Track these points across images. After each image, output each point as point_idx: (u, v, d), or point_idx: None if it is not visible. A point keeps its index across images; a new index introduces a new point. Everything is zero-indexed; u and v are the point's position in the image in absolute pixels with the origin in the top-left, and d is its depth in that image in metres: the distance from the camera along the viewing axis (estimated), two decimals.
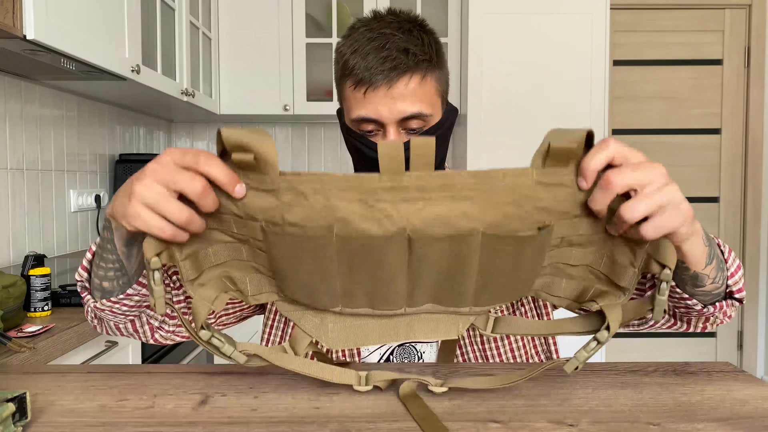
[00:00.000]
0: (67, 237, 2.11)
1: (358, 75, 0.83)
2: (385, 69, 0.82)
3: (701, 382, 0.70)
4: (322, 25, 2.88)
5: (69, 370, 0.75)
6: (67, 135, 2.11)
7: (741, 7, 3.20)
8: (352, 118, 0.85)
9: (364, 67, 0.82)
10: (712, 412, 0.60)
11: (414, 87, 0.83)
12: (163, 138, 3.04)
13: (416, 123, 0.84)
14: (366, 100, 0.83)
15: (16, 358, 0.93)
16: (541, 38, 2.60)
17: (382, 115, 0.83)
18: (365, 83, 0.83)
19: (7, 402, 0.53)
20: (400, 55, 0.82)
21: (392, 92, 0.82)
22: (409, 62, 0.82)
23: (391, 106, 0.83)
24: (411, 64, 0.82)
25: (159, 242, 0.56)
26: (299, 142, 3.16)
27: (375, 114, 0.84)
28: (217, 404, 0.62)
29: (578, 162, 0.53)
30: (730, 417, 0.59)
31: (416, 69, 0.83)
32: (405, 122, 0.84)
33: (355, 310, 0.63)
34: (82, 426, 0.57)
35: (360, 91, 0.84)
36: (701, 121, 3.26)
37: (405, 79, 0.83)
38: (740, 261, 0.79)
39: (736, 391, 0.68)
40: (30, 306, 1.16)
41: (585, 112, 2.61)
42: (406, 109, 0.83)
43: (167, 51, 2.21)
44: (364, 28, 0.85)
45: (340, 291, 0.60)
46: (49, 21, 1.34)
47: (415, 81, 0.83)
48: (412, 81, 0.83)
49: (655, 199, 0.53)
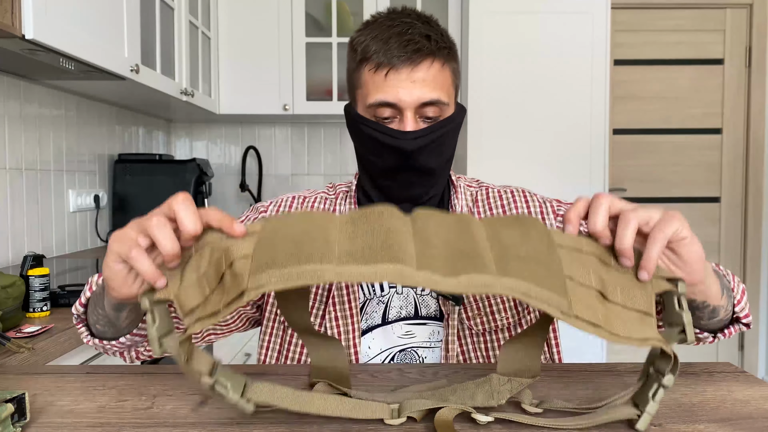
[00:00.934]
0: (66, 237, 2.11)
1: (379, 58, 0.83)
2: (408, 51, 0.82)
3: (702, 382, 0.70)
4: (322, 24, 2.88)
5: (68, 370, 0.75)
6: (66, 135, 2.11)
7: (742, 6, 3.20)
8: (370, 103, 0.85)
9: (385, 50, 0.83)
10: (713, 413, 0.60)
11: (435, 73, 0.84)
12: (162, 138, 3.04)
13: (433, 111, 0.85)
14: (386, 83, 0.84)
15: (15, 358, 0.93)
16: (541, 38, 2.59)
17: (401, 98, 0.83)
18: (386, 65, 0.83)
19: (6, 402, 0.53)
20: (422, 39, 0.83)
21: (413, 75, 0.83)
22: (431, 47, 0.84)
23: (411, 89, 0.83)
24: (433, 49, 0.84)
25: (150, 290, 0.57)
26: (299, 142, 3.16)
27: (394, 98, 0.84)
28: (217, 405, 0.62)
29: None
30: (731, 417, 0.59)
31: (437, 55, 0.84)
32: (423, 108, 0.84)
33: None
34: (81, 426, 0.57)
35: (380, 74, 0.84)
36: (702, 120, 3.26)
37: (427, 63, 0.84)
38: (743, 284, 0.79)
39: (737, 391, 0.67)
40: (29, 306, 1.16)
41: (585, 111, 2.61)
42: (425, 95, 0.83)
43: (166, 50, 2.20)
44: (382, 19, 0.87)
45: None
46: (48, 21, 1.34)
47: (436, 67, 0.84)
48: (433, 66, 0.84)
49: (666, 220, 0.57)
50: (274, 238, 0.53)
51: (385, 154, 0.86)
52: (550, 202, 0.96)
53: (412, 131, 0.84)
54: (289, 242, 0.52)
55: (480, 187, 0.99)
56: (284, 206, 0.97)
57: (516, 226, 0.57)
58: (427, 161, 0.86)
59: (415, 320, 0.91)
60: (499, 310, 0.89)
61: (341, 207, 0.96)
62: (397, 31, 0.84)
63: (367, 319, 0.91)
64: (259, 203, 0.98)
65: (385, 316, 0.91)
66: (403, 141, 0.84)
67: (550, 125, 2.61)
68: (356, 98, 0.89)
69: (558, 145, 2.61)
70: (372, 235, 0.52)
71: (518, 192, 0.97)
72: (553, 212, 0.94)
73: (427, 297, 0.91)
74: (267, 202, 0.98)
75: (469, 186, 0.99)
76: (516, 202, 0.95)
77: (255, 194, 3.11)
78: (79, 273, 1.70)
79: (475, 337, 0.89)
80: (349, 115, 0.90)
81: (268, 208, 0.97)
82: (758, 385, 0.69)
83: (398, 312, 0.91)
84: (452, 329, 0.88)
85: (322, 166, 3.16)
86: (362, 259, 0.50)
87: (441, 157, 0.88)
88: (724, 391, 0.68)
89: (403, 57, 0.82)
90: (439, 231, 0.55)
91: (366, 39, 0.85)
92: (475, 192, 0.98)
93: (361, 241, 0.52)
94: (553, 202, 0.96)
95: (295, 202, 0.98)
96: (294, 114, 2.81)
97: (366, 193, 0.94)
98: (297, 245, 0.52)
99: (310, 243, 0.52)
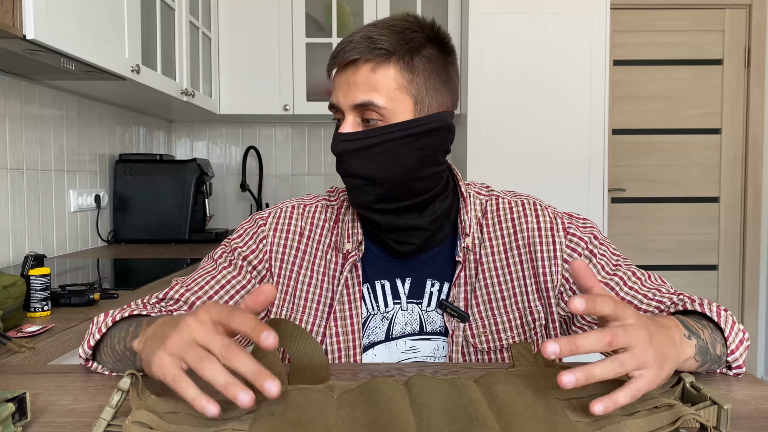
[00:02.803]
0: (67, 237, 2.11)
1: (332, 60, 0.86)
2: (347, 53, 0.83)
3: (702, 382, 0.70)
4: (322, 25, 2.88)
5: (69, 370, 0.75)
6: (67, 135, 2.11)
7: (741, 6, 3.20)
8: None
9: (336, 52, 0.85)
10: None
11: (366, 73, 0.82)
12: (163, 138, 3.04)
13: (370, 114, 0.83)
14: (334, 86, 0.86)
15: (15, 358, 0.93)
16: (541, 38, 2.60)
17: (339, 100, 0.85)
18: (333, 66, 0.86)
19: (7, 402, 0.53)
20: (362, 41, 0.83)
21: (351, 77, 0.83)
22: (365, 48, 0.82)
23: (346, 91, 0.84)
24: (364, 51, 0.82)
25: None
26: (299, 142, 3.16)
27: (335, 100, 0.86)
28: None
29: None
30: (731, 417, 0.59)
31: (369, 57, 0.82)
32: (361, 111, 0.83)
33: None
34: (81, 426, 0.57)
35: (332, 77, 0.87)
36: (701, 120, 3.26)
37: (358, 65, 0.83)
38: (743, 333, 0.78)
39: (736, 391, 0.68)
40: (30, 306, 1.16)
41: (585, 112, 2.61)
42: (357, 96, 0.83)
43: (167, 51, 2.21)
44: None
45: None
46: (49, 21, 1.34)
47: (367, 67, 0.83)
48: (364, 67, 0.83)
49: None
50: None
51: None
52: (561, 217, 0.92)
53: (342, 133, 0.84)
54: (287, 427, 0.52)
55: (490, 195, 0.96)
56: (284, 217, 0.94)
57: (509, 383, 0.58)
58: (360, 167, 0.83)
59: (420, 336, 0.90)
60: (506, 329, 0.88)
61: (344, 217, 0.93)
62: (351, 37, 0.84)
63: (369, 335, 0.90)
64: (258, 214, 0.95)
65: (389, 333, 0.90)
66: (333, 142, 0.85)
67: (550, 125, 2.61)
68: None
69: (557, 145, 2.61)
70: (371, 414, 0.53)
71: (529, 204, 0.94)
72: (564, 229, 0.91)
73: (432, 313, 0.90)
74: (266, 213, 0.95)
75: (479, 194, 0.96)
76: (527, 216, 0.92)
77: (255, 194, 3.11)
78: (80, 273, 1.71)
79: (479, 355, 0.88)
80: None
81: (267, 220, 0.94)
82: (758, 385, 0.69)
83: (403, 328, 0.90)
84: (456, 346, 0.87)
85: (322, 166, 3.16)
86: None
87: (384, 167, 0.83)
88: (724, 390, 0.68)
89: (343, 59, 0.83)
90: (437, 396, 0.55)
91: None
92: (484, 202, 0.95)
93: (361, 423, 0.53)
94: (564, 217, 0.92)
95: (294, 212, 0.94)
96: (294, 114, 2.81)
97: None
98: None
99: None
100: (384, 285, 0.91)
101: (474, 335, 0.88)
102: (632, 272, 0.88)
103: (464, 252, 0.90)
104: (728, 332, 0.75)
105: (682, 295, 0.84)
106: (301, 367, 0.68)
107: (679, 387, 0.59)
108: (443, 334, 0.89)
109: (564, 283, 0.89)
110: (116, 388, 0.54)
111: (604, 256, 0.89)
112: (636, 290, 0.86)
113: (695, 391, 0.58)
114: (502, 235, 0.92)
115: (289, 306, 0.90)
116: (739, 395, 0.66)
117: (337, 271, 0.90)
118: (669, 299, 0.84)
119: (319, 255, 0.92)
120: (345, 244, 0.91)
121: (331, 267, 0.91)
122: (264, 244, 0.92)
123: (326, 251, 0.92)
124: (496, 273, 0.90)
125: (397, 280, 0.91)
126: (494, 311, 0.89)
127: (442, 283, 0.90)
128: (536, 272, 0.89)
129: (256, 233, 0.92)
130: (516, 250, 0.91)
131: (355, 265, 0.90)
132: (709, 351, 0.71)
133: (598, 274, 0.88)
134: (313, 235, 0.93)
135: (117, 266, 1.86)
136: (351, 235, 0.91)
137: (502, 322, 0.88)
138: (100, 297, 1.30)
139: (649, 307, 0.84)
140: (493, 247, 0.91)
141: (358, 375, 0.73)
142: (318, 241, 0.93)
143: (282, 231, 0.92)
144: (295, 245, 0.92)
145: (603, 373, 0.54)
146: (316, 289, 0.90)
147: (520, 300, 0.89)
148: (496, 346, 0.88)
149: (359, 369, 0.76)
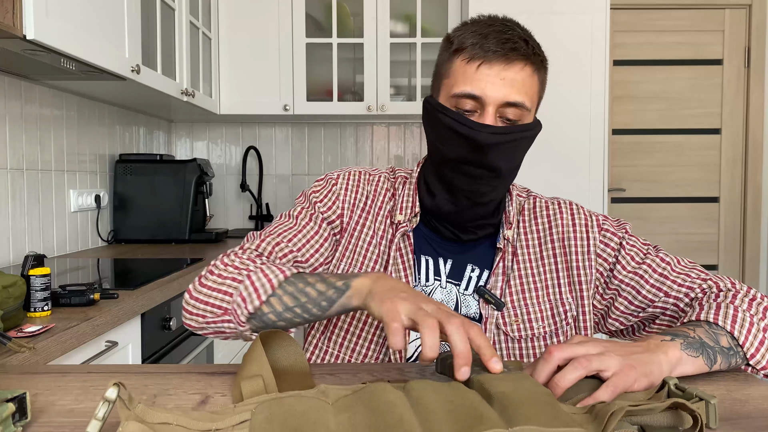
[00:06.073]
0: (67, 237, 2.11)
1: (474, 49, 0.85)
2: (505, 48, 0.84)
3: (701, 382, 0.70)
4: (322, 25, 2.88)
5: (69, 370, 0.75)
6: (67, 135, 2.11)
7: (741, 7, 3.20)
8: (455, 93, 0.86)
9: (482, 44, 0.84)
10: None
11: (525, 76, 0.85)
12: (163, 138, 3.05)
13: (513, 113, 0.86)
14: (476, 76, 0.85)
15: (16, 358, 0.93)
16: (540, 38, 2.58)
17: (487, 93, 0.84)
18: (480, 58, 0.84)
19: (7, 402, 0.53)
20: (520, 41, 0.85)
21: (504, 73, 0.84)
22: (528, 51, 0.85)
23: (499, 86, 0.84)
24: (529, 53, 0.85)
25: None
26: (299, 142, 3.16)
27: (480, 91, 0.84)
28: (218, 404, 0.62)
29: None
30: (731, 416, 0.59)
31: (531, 60, 0.86)
32: (504, 108, 0.85)
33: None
34: (82, 426, 0.57)
35: (472, 66, 0.85)
36: (701, 121, 3.26)
37: (520, 65, 0.85)
38: (765, 334, 0.77)
39: (735, 390, 0.68)
40: (30, 306, 1.16)
41: (585, 112, 2.61)
42: (511, 95, 0.84)
43: (167, 51, 2.21)
44: (484, 19, 0.89)
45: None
46: (49, 21, 1.34)
47: (528, 71, 0.86)
48: (525, 69, 0.85)
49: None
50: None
51: (458, 144, 0.86)
52: (596, 216, 0.97)
53: (491, 125, 0.85)
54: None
55: (529, 197, 1.01)
56: (353, 180, 0.99)
57: (506, 379, 0.59)
58: (496, 160, 0.86)
59: None
60: (537, 318, 0.92)
61: (401, 189, 0.98)
62: (497, 29, 0.85)
63: None
64: (329, 174, 1.00)
65: None
66: (479, 133, 0.84)
67: (550, 125, 2.61)
68: (440, 88, 0.90)
69: (557, 145, 2.61)
70: (373, 418, 0.53)
71: (565, 204, 0.99)
72: (598, 227, 0.96)
73: (469, 297, 0.93)
74: (335, 175, 1.00)
75: (519, 195, 1.01)
76: (562, 214, 0.97)
77: (255, 194, 3.11)
78: (80, 273, 1.71)
79: (510, 343, 0.91)
80: (429, 105, 0.91)
81: (338, 180, 0.99)
82: (757, 385, 0.70)
83: None
84: (489, 333, 0.90)
85: (322, 166, 3.16)
86: None
87: (511, 161, 0.89)
88: (723, 390, 0.68)
89: (499, 53, 0.84)
90: (438, 398, 0.55)
91: (464, 33, 0.87)
92: (522, 202, 1.00)
93: (363, 426, 0.52)
94: (599, 217, 0.98)
95: (362, 177, 1.00)
96: (294, 114, 2.81)
97: (427, 184, 0.95)
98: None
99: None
100: (428, 261, 0.95)
101: (506, 323, 0.91)
102: (660, 258, 0.92)
103: (504, 243, 0.94)
104: (743, 339, 0.75)
105: (710, 281, 0.88)
106: (282, 372, 0.68)
107: (664, 390, 0.59)
108: (476, 320, 0.92)
109: (599, 277, 0.93)
110: (102, 399, 0.52)
111: (634, 247, 0.93)
112: (665, 276, 0.90)
113: (680, 392, 0.58)
114: (538, 230, 0.97)
115: (348, 261, 0.95)
116: (739, 395, 0.66)
117: (386, 239, 0.96)
118: (699, 286, 0.88)
119: (379, 219, 0.97)
120: (397, 215, 0.96)
121: (386, 234, 0.96)
122: (337, 201, 0.97)
123: (384, 218, 0.97)
124: (531, 265, 0.94)
125: (439, 258, 0.95)
126: (527, 301, 0.93)
127: (482, 270, 0.94)
128: (569, 266, 0.94)
129: (330, 191, 0.98)
130: (550, 244, 0.95)
131: (407, 235, 0.95)
132: (707, 344, 0.72)
133: (628, 265, 0.92)
134: (375, 201, 0.98)
135: (117, 266, 1.86)
136: (404, 208, 0.96)
137: (534, 312, 0.92)
138: (100, 297, 1.30)
139: (679, 293, 0.88)
140: (528, 241, 0.96)
141: (358, 375, 0.73)
142: (379, 206, 0.98)
143: (351, 191, 0.98)
144: (361, 206, 0.98)
145: (570, 380, 0.62)
146: (375, 249, 0.95)
147: (552, 292, 0.93)
148: (528, 335, 0.91)
149: (359, 369, 0.76)
